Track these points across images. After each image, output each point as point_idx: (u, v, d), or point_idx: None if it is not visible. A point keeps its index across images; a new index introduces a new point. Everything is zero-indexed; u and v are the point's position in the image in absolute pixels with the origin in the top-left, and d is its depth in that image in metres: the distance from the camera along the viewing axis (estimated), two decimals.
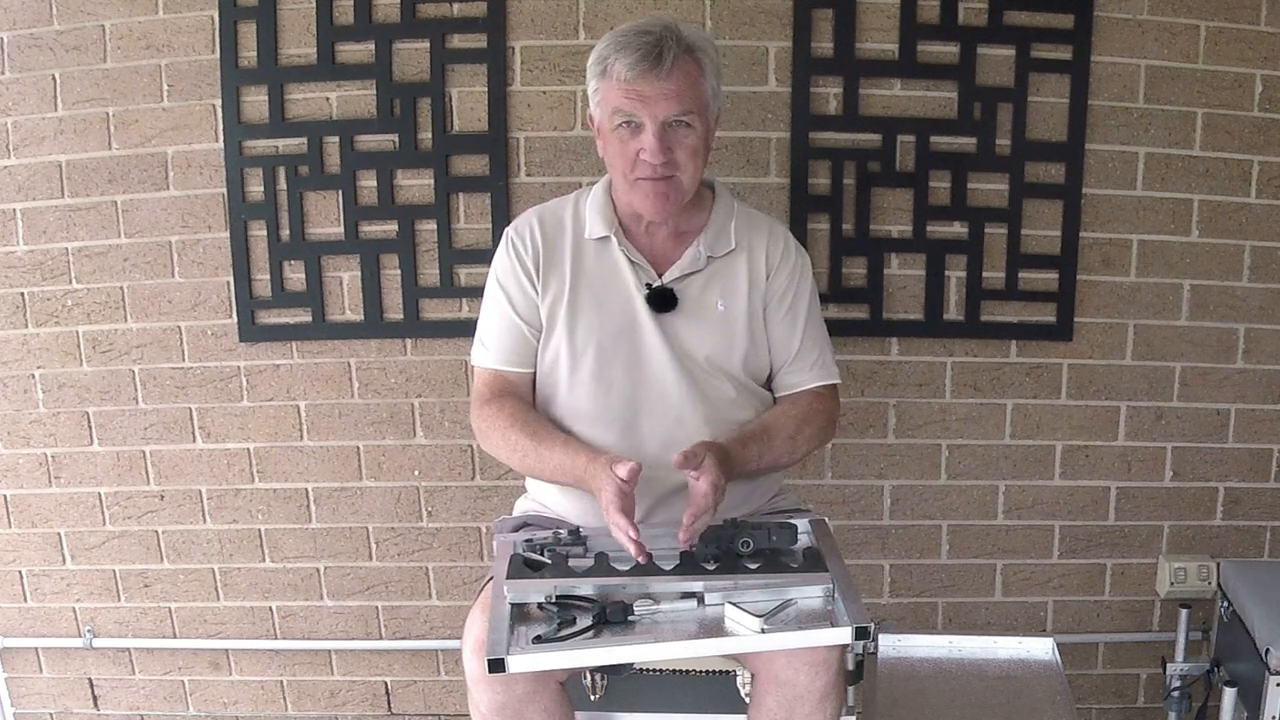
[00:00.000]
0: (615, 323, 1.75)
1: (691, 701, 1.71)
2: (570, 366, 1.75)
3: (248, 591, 2.53)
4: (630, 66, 1.62)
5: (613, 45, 1.65)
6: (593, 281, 1.76)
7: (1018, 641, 2.14)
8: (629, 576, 1.52)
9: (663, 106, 1.63)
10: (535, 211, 1.83)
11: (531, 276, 1.76)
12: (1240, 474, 2.45)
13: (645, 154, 1.66)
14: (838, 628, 1.41)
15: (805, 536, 1.66)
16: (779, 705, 1.56)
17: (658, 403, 1.74)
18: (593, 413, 1.75)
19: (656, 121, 1.64)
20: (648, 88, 1.63)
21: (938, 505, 2.46)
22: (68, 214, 2.35)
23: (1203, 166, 2.30)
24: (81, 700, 2.62)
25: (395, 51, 2.27)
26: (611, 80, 1.65)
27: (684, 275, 1.76)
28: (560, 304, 1.75)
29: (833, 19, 2.23)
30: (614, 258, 1.76)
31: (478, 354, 1.82)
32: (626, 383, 1.74)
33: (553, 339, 1.76)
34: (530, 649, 1.38)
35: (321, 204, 2.34)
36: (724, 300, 1.77)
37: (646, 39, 1.63)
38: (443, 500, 2.47)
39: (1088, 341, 2.38)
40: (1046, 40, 2.24)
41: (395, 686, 2.61)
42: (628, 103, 1.64)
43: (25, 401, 2.45)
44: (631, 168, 1.68)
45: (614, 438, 1.73)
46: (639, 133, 1.65)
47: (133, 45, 2.27)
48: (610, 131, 1.68)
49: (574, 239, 1.78)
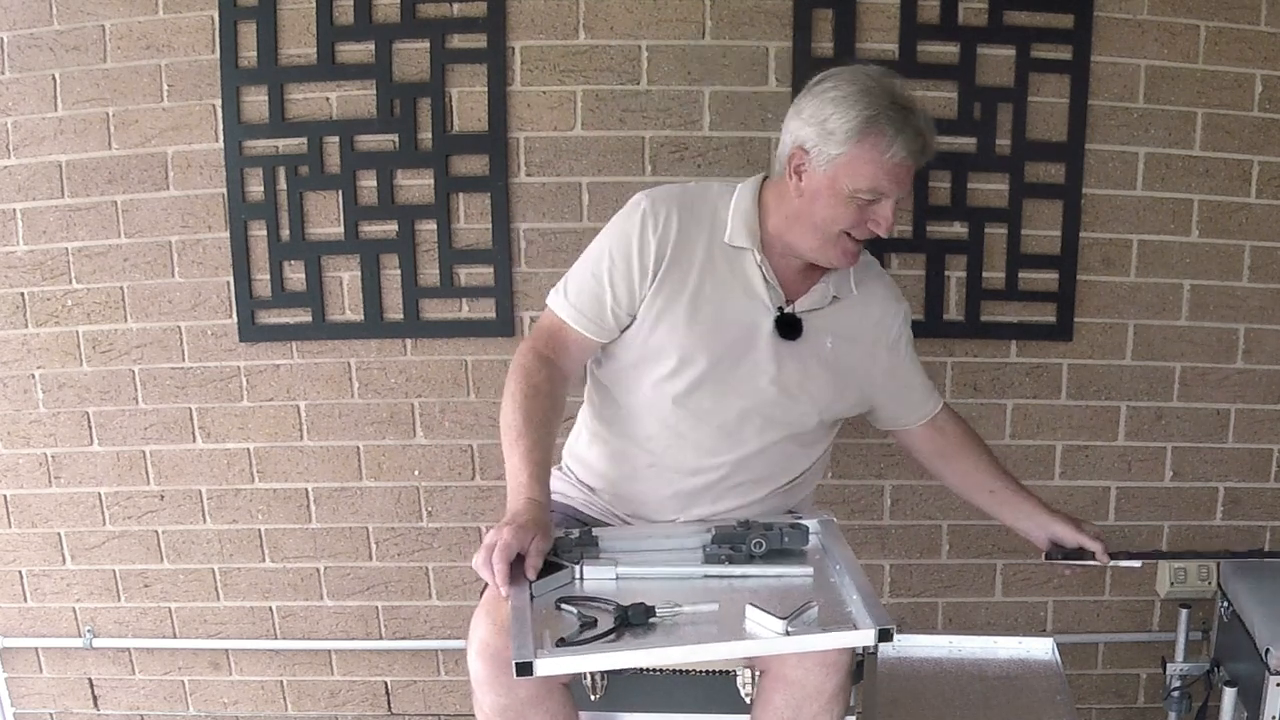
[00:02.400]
0: (733, 333, 1.72)
1: (691, 701, 1.71)
2: (672, 364, 1.71)
3: (248, 591, 2.53)
4: (911, 153, 1.60)
5: (886, 119, 1.59)
6: (720, 288, 1.72)
7: (1018, 641, 2.14)
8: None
9: (907, 185, 1.66)
10: (675, 197, 1.74)
11: (648, 267, 1.70)
12: (1240, 474, 2.45)
13: (879, 226, 1.65)
14: (860, 630, 1.41)
15: (815, 537, 1.67)
16: (786, 704, 1.56)
17: (751, 422, 1.73)
18: (679, 419, 1.73)
19: (897, 196, 1.64)
20: (908, 171, 1.63)
21: (938, 505, 2.46)
22: (68, 214, 2.35)
23: (1203, 166, 2.30)
24: (81, 700, 2.62)
25: (395, 51, 2.27)
26: (879, 155, 1.60)
27: (811, 309, 1.74)
28: (678, 302, 1.71)
29: (833, 19, 2.23)
30: (748, 271, 1.72)
31: (554, 298, 1.76)
32: (721, 392, 1.72)
33: (657, 333, 1.72)
34: (557, 652, 1.36)
35: (321, 204, 2.34)
36: (834, 341, 1.76)
37: (917, 122, 1.61)
38: (443, 500, 2.47)
39: (1088, 341, 2.38)
40: (1046, 40, 2.24)
41: (395, 686, 2.61)
42: (888, 181, 1.61)
43: (25, 401, 2.45)
44: (851, 227, 1.66)
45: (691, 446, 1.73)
46: (876, 204, 1.64)
47: (133, 45, 2.27)
48: (845, 198, 1.63)
49: (709, 239, 1.72)
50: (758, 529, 1.62)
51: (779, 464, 1.78)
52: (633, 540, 1.67)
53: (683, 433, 1.73)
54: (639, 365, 1.74)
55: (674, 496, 1.76)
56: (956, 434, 1.91)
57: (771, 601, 1.45)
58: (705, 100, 2.27)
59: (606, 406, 1.81)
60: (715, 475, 1.74)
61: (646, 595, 1.46)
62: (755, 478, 1.77)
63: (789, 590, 1.52)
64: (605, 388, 1.81)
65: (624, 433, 1.78)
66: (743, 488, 1.76)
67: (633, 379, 1.76)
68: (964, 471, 1.91)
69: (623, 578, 1.54)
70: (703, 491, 1.75)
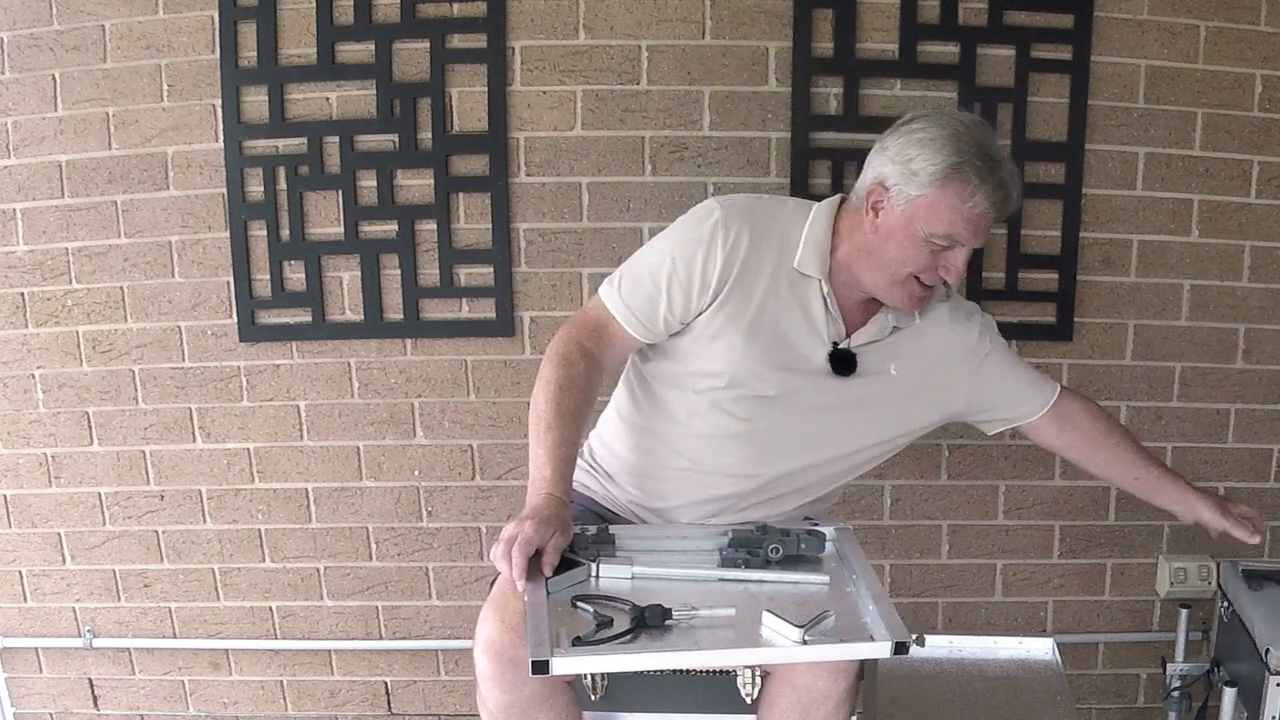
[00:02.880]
0: (788, 359, 1.69)
1: (692, 701, 1.71)
2: (726, 382, 1.69)
3: (248, 591, 2.53)
4: (994, 206, 1.58)
5: (972, 169, 1.56)
6: (782, 313, 1.69)
7: (1018, 641, 2.14)
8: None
9: (984, 237, 1.64)
10: (748, 213, 1.69)
11: (710, 283, 1.66)
12: (1240, 474, 2.45)
13: (949, 274, 1.63)
14: (877, 641, 1.40)
15: (831, 544, 1.66)
16: (793, 708, 1.56)
17: (794, 445, 1.72)
18: (723, 428, 1.71)
19: (972, 246, 1.62)
20: (989, 224, 1.61)
21: (938, 505, 2.46)
22: (68, 214, 2.35)
23: (1203, 166, 2.30)
24: (81, 700, 2.62)
25: (395, 51, 2.27)
26: (961, 203, 1.57)
27: (869, 342, 1.72)
28: (739, 322, 1.67)
29: (833, 19, 2.23)
30: (811, 300, 1.69)
31: (606, 289, 1.71)
32: (774, 418, 1.70)
33: (714, 349, 1.69)
34: (573, 651, 1.36)
35: (321, 204, 2.34)
36: (898, 366, 1.74)
37: (1003, 176, 1.59)
38: (443, 500, 2.47)
39: (1088, 341, 2.38)
40: (1046, 40, 2.24)
41: (395, 686, 2.61)
42: (965, 230, 1.59)
43: (25, 401, 2.45)
44: (920, 271, 1.63)
45: (728, 457, 1.72)
46: (950, 251, 1.61)
47: (133, 45, 2.27)
48: (921, 240, 1.60)
49: (777, 260, 1.68)
50: (774, 534, 1.61)
51: (817, 482, 1.78)
52: (650, 540, 1.66)
53: (723, 445, 1.71)
54: (690, 373, 1.72)
55: (703, 502, 1.75)
56: (1088, 424, 1.85)
57: (787, 608, 1.44)
58: (705, 100, 2.27)
59: (648, 400, 1.77)
60: (749, 486, 1.73)
61: (662, 596, 1.46)
62: (787, 491, 1.76)
63: (805, 597, 1.51)
64: (648, 382, 1.77)
65: (661, 431, 1.75)
66: (773, 501, 1.76)
67: (681, 383, 1.73)
68: (1106, 462, 1.87)
69: (638, 577, 1.54)
70: (732, 501, 1.74)
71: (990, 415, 1.85)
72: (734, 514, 1.75)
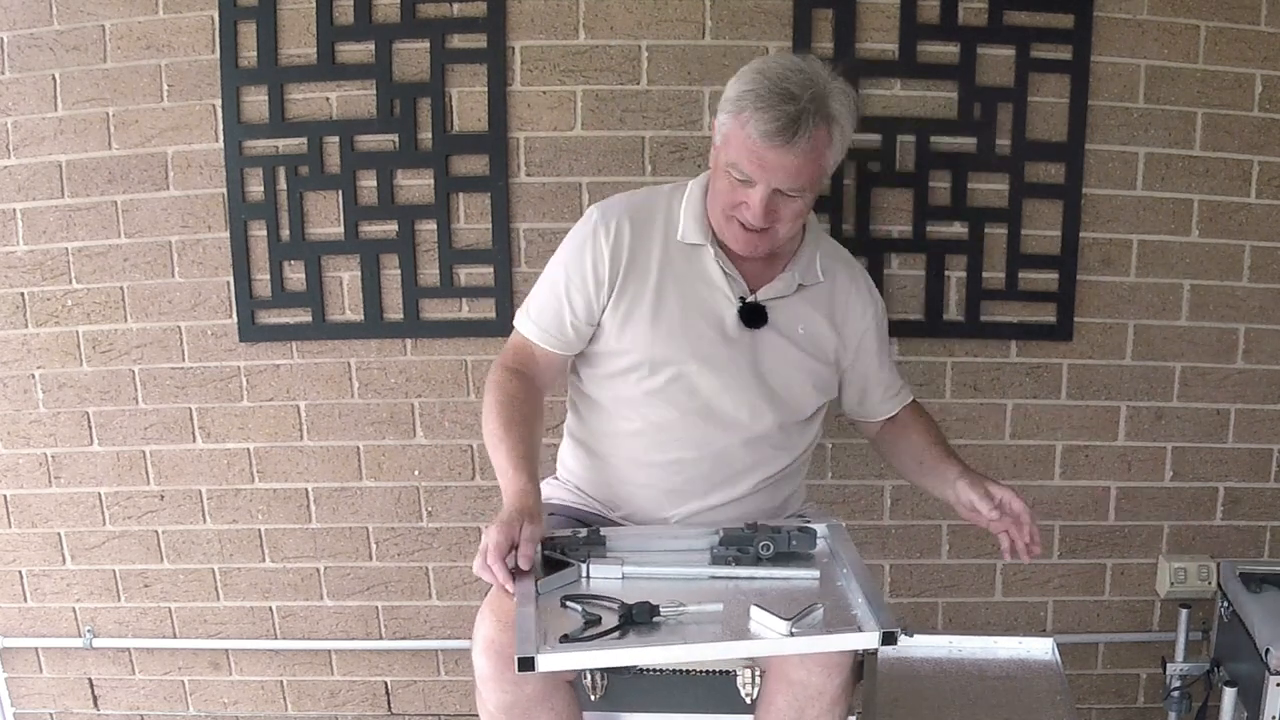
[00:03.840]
0: (699, 328, 1.73)
1: (692, 701, 1.71)
2: (647, 366, 1.73)
3: (248, 591, 2.53)
4: (764, 134, 1.56)
5: (753, 96, 1.57)
6: (680, 286, 1.73)
7: (1018, 641, 2.14)
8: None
9: (778, 177, 1.60)
10: (625, 205, 1.77)
11: (604, 278, 1.72)
12: (1240, 474, 2.45)
13: (748, 213, 1.64)
14: (865, 632, 1.41)
15: (823, 541, 1.67)
16: (789, 705, 1.56)
17: (727, 415, 1.74)
18: (657, 414, 1.74)
19: (768, 187, 1.61)
20: (772, 157, 1.58)
21: (938, 505, 2.45)
22: (68, 214, 2.35)
23: (1203, 166, 2.30)
24: (81, 700, 2.62)
25: (395, 51, 2.27)
26: (741, 131, 1.59)
27: (776, 297, 1.75)
28: (641, 306, 1.72)
29: (833, 19, 2.23)
30: (706, 265, 1.73)
31: (519, 317, 1.82)
32: (701, 390, 1.73)
33: (627, 338, 1.73)
34: (560, 648, 1.37)
35: (321, 204, 2.34)
36: (804, 326, 1.77)
37: (789, 109, 1.55)
38: (443, 500, 2.47)
39: (1088, 341, 2.38)
40: (1046, 40, 2.23)
41: (395, 686, 2.61)
42: (748, 163, 1.60)
43: (25, 401, 2.45)
44: (732, 208, 1.66)
45: (673, 442, 1.74)
46: (748, 187, 1.62)
47: (133, 45, 2.27)
48: (723, 169, 1.64)
49: (664, 240, 1.74)
50: (765, 532, 1.62)
51: (762, 454, 1.78)
52: (640, 540, 1.67)
53: (662, 429, 1.74)
54: (613, 371, 1.77)
55: (662, 494, 1.77)
56: (907, 420, 1.90)
57: (777, 603, 1.45)
58: (705, 100, 2.27)
59: (589, 412, 1.83)
60: (697, 470, 1.75)
61: (652, 595, 1.46)
62: (738, 470, 1.77)
63: (795, 592, 1.52)
64: (585, 395, 1.83)
65: (606, 436, 1.80)
66: (728, 481, 1.77)
67: (609, 384, 1.78)
68: (903, 450, 1.90)
69: (629, 577, 1.55)
70: (687, 486, 1.76)
71: (849, 398, 1.90)
72: (699, 500, 1.76)
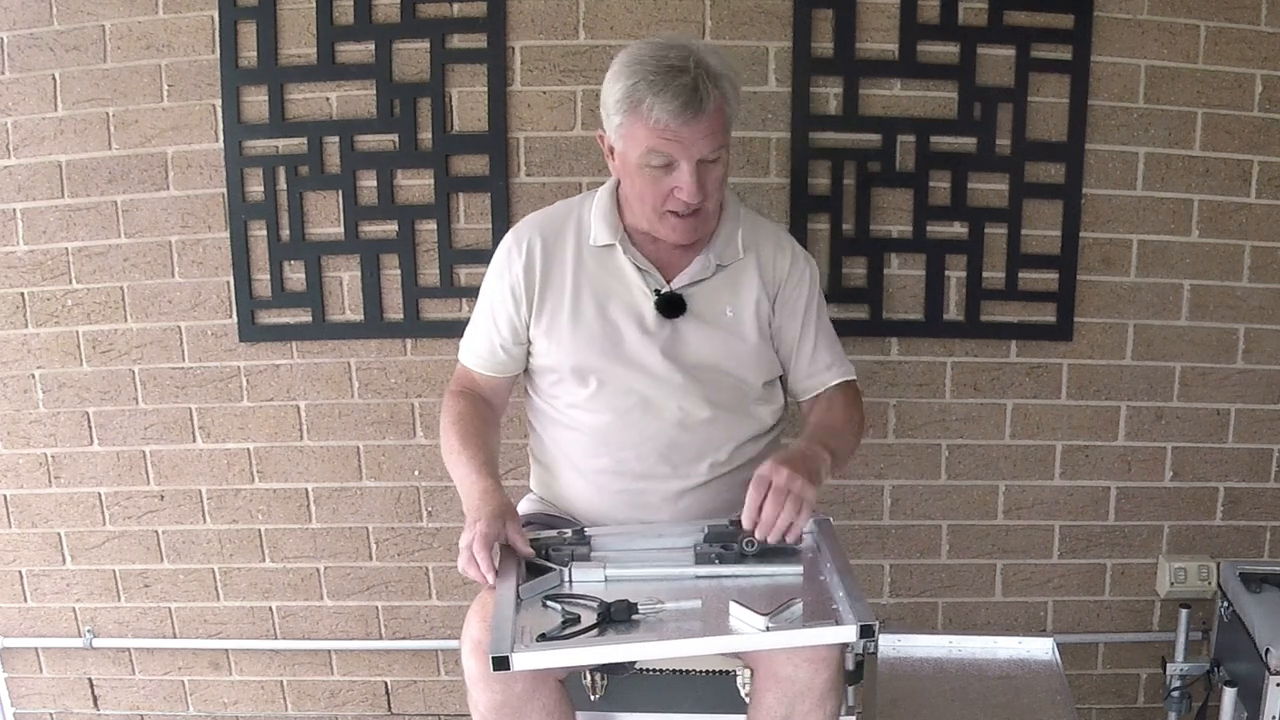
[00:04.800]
0: (620, 329, 1.75)
1: (691, 701, 1.71)
2: (574, 374, 1.75)
3: (248, 591, 2.53)
4: (673, 113, 1.57)
5: (645, 84, 1.58)
6: (596, 289, 1.75)
7: (1018, 641, 2.14)
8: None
9: (699, 147, 1.61)
10: (537, 221, 1.81)
11: (522, 294, 1.77)
12: (1240, 474, 2.45)
13: (682, 193, 1.64)
14: (842, 626, 1.41)
15: (810, 536, 1.66)
16: (779, 702, 1.56)
17: (663, 408, 1.75)
18: (595, 419, 1.76)
19: (693, 161, 1.61)
20: (686, 131, 1.59)
21: (938, 505, 2.46)
22: (68, 214, 2.35)
23: (1203, 166, 2.30)
24: (81, 700, 2.63)
25: (395, 51, 2.27)
26: (644, 120, 1.59)
27: (693, 282, 1.76)
28: (561, 314, 1.75)
29: (833, 19, 2.23)
30: (619, 265, 1.76)
31: (461, 349, 1.88)
32: (632, 388, 1.74)
33: (553, 349, 1.76)
34: (535, 647, 1.38)
35: (321, 204, 2.34)
36: (732, 306, 1.77)
37: (683, 81, 1.56)
38: (443, 500, 2.47)
39: (1088, 341, 2.38)
40: (1046, 40, 2.23)
41: (395, 686, 2.61)
42: (665, 145, 1.60)
43: (25, 401, 2.45)
44: (663, 202, 1.66)
45: (616, 443, 1.75)
46: (673, 170, 1.63)
47: (133, 45, 2.27)
48: (638, 168, 1.64)
49: (576, 247, 1.77)
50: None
51: (710, 440, 1.77)
52: (625, 540, 1.67)
53: (601, 432, 1.76)
54: (551, 383, 1.79)
55: (615, 495, 1.77)
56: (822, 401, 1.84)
57: (757, 599, 1.45)
58: None
59: (541, 428, 1.86)
60: (643, 466, 1.75)
61: (634, 594, 1.47)
62: (689, 457, 1.76)
63: (777, 588, 1.52)
64: (537, 410, 1.86)
65: (557, 446, 1.82)
66: (677, 473, 1.76)
67: (550, 397, 1.81)
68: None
69: (611, 579, 1.55)
70: (638, 484, 1.76)
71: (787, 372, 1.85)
72: (657, 495, 1.76)
